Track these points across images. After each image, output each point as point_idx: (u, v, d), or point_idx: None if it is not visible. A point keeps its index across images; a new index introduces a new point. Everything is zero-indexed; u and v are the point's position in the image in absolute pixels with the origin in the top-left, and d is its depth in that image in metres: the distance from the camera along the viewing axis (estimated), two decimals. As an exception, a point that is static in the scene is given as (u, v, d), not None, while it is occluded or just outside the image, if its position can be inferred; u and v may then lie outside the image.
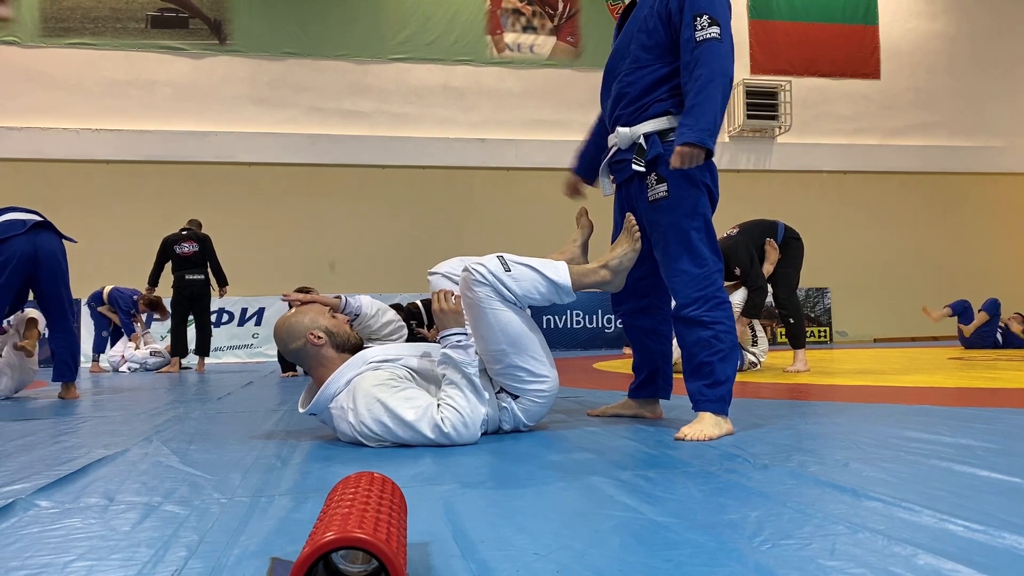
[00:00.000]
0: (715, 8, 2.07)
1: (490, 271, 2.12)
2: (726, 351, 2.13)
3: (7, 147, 10.36)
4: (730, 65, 2.06)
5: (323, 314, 2.26)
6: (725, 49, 2.05)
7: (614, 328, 10.79)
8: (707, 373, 2.12)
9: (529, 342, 2.18)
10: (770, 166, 12.54)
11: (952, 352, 7.40)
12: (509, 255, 2.20)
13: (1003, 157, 13.24)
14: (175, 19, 10.99)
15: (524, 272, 2.16)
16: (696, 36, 2.06)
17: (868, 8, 12.91)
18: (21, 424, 2.99)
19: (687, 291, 2.15)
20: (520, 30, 11.95)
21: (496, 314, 2.12)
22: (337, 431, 2.13)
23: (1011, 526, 1.10)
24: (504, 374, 2.19)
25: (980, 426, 2.17)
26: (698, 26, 2.06)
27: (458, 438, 2.02)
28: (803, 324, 5.10)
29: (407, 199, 11.29)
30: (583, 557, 1.03)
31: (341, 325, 2.25)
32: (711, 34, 2.04)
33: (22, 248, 3.99)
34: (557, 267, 2.22)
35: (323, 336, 2.19)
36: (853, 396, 3.27)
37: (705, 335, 2.12)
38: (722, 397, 2.12)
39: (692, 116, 2.04)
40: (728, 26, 2.10)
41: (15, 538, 1.21)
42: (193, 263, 7.76)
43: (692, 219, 2.16)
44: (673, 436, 2.07)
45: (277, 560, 1.00)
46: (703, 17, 2.06)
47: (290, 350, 2.23)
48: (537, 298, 2.20)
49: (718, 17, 2.07)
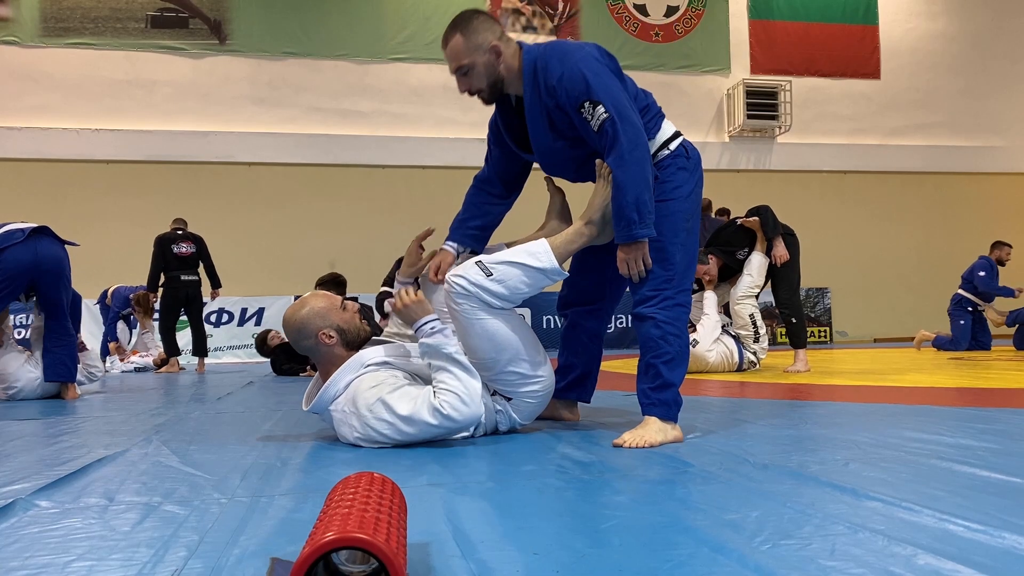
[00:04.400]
0: (588, 88, 2.00)
1: (471, 281, 2.08)
2: (673, 355, 2.05)
3: (7, 147, 10.35)
4: (629, 131, 1.98)
5: (334, 309, 2.20)
6: (620, 122, 1.98)
7: (613, 328, 10.79)
8: (653, 376, 2.05)
9: (519, 345, 2.15)
10: (770, 166, 12.54)
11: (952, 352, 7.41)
12: (488, 257, 2.15)
13: (1003, 157, 13.24)
14: (175, 19, 10.99)
15: (506, 271, 2.11)
16: (592, 126, 2.01)
17: (868, 8, 12.91)
18: (21, 424, 2.99)
19: (646, 288, 2.08)
20: (520, 30, 11.94)
21: (482, 324, 2.10)
22: (338, 433, 2.13)
23: (1011, 526, 1.10)
24: (496, 380, 2.18)
25: (980, 426, 2.17)
26: (586, 115, 2.01)
27: (462, 418, 1.98)
28: (804, 324, 5.09)
29: (407, 199, 11.28)
30: (583, 557, 1.03)
31: (352, 320, 2.21)
32: (600, 117, 1.99)
33: (22, 257, 3.99)
34: (538, 251, 2.15)
35: (335, 335, 2.16)
36: (853, 396, 3.27)
37: (654, 334, 2.05)
38: (667, 401, 2.04)
39: (615, 215, 2.03)
40: (609, 87, 2.01)
41: (15, 538, 1.21)
42: (188, 264, 7.52)
43: (674, 234, 2.10)
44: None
45: (277, 560, 1.00)
46: (586, 105, 2.01)
47: (301, 346, 2.21)
48: (527, 290, 2.15)
49: (594, 93, 1.99)
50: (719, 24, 12.51)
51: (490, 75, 2.13)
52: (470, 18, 2.12)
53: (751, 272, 5.04)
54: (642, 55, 12.22)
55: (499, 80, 2.15)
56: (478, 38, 2.10)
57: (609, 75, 2.06)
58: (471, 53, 2.10)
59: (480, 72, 2.12)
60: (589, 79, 2.00)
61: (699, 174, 2.21)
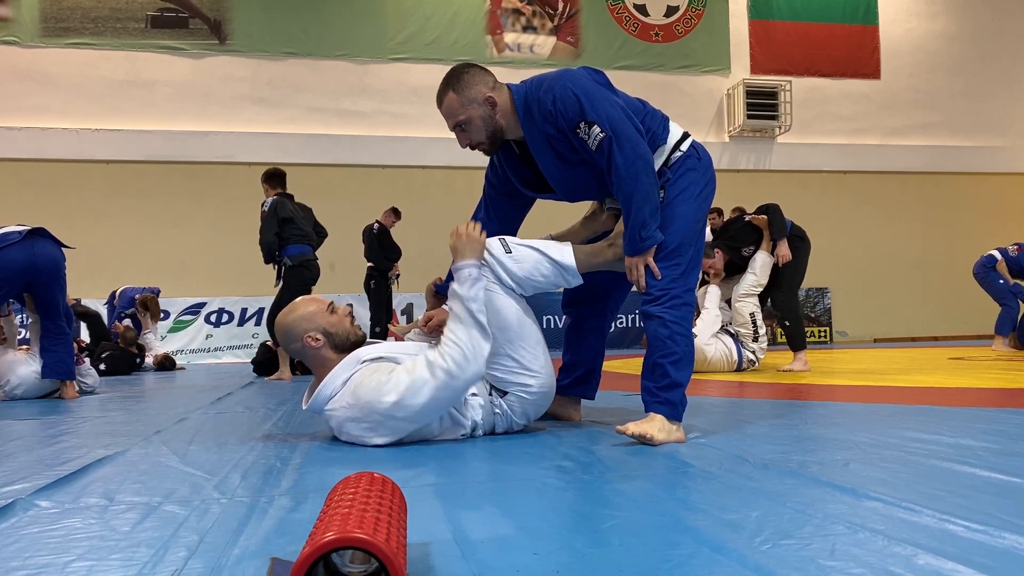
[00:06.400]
0: (582, 109, 2.01)
1: (490, 253, 2.11)
2: (681, 355, 2.06)
3: (7, 147, 10.35)
4: (626, 147, 1.98)
5: (321, 312, 2.18)
6: (617, 138, 1.98)
7: (614, 328, 10.78)
8: (660, 375, 2.05)
9: (523, 332, 2.17)
10: (770, 166, 12.54)
11: (952, 352, 7.40)
12: (512, 238, 2.18)
13: (1003, 157, 13.24)
14: (175, 19, 10.99)
15: (526, 253, 2.14)
16: (591, 145, 2.02)
17: (868, 8, 12.91)
18: (21, 424, 2.99)
19: (654, 287, 2.08)
20: (520, 30, 11.94)
21: (491, 297, 2.10)
22: (338, 431, 2.13)
23: (1011, 526, 1.10)
24: (493, 364, 2.15)
25: (980, 426, 2.17)
26: (583, 135, 2.02)
27: (460, 373, 1.95)
28: (801, 327, 5.06)
29: (407, 199, 11.28)
30: (583, 557, 1.03)
31: (340, 323, 2.18)
32: (597, 137, 1.99)
33: (18, 257, 3.99)
34: (562, 248, 2.18)
35: (320, 338, 2.15)
36: (853, 396, 3.27)
37: (662, 334, 2.05)
38: (674, 401, 2.04)
39: (626, 226, 2.05)
40: (603, 106, 2.01)
41: (15, 538, 1.21)
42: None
43: (684, 234, 2.10)
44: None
45: (277, 560, 1.00)
46: (581, 126, 2.01)
47: (290, 349, 2.22)
48: (541, 280, 2.16)
49: (587, 113, 2.00)
50: (719, 24, 12.51)
51: (488, 127, 2.14)
52: (460, 73, 2.13)
53: (754, 271, 5.03)
54: (642, 55, 12.22)
55: (498, 130, 2.17)
56: (471, 92, 2.11)
57: (601, 91, 2.07)
58: (466, 108, 2.11)
59: (478, 125, 2.13)
60: (582, 99, 2.02)
61: (710, 174, 2.21)
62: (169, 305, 10.26)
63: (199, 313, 10.35)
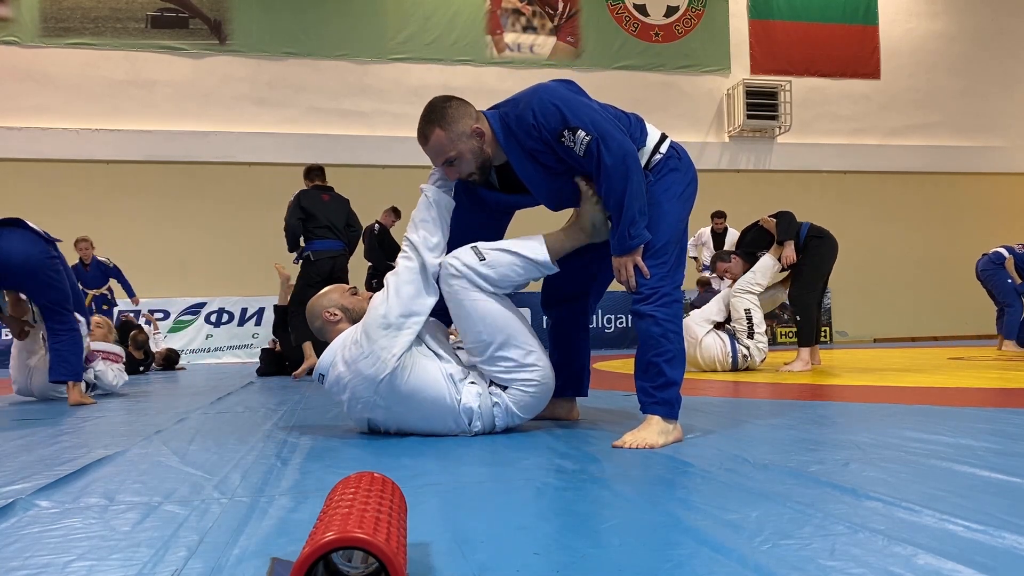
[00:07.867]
0: (563, 116, 2.00)
1: (463, 263, 2.16)
2: (674, 353, 2.06)
3: (7, 147, 10.36)
4: (613, 147, 1.98)
5: (342, 293, 2.40)
6: (603, 139, 1.98)
7: (614, 328, 10.78)
8: (655, 374, 2.05)
9: (512, 330, 2.19)
10: (770, 166, 12.54)
11: (952, 352, 7.40)
12: (484, 244, 2.21)
13: (1003, 157, 13.24)
14: (175, 19, 10.99)
15: (499, 257, 2.17)
16: (578, 151, 2.01)
17: (868, 8, 12.91)
18: (21, 424, 2.99)
19: (643, 286, 2.07)
20: (520, 30, 11.95)
21: (475, 303, 2.15)
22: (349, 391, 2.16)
23: (1011, 526, 1.10)
24: (490, 363, 2.20)
25: (980, 426, 2.17)
26: (567, 143, 2.01)
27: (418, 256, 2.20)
28: (810, 323, 5.07)
29: (407, 199, 11.28)
30: (583, 557, 1.03)
31: (359, 303, 2.35)
32: (583, 141, 1.99)
33: None
34: (533, 244, 2.21)
35: (338, 313, 2.34)
36: (853, 396, 3.27)
37: (655, 332, 2.04)
38: (670, 400, 2.03)
39: (613, 229, 2.06)
40: (583, 111, 2.01)
41: (15, 538, 1.21)
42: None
43: (669, 233, 2.10)
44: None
45: (277, 560, 1.00)
46: (565, 134, 2.00)
47: (314, 328, 2.40)
48: (517, 280, 2.20)
49: (570, 120, 1.99)
50: (719, 24, 12.51)
51: (477, 158, 2.14)
52: (443, 108, 2.12)
53: (755, 269, 5.14)
54: (642, 55, 12.22)
55: (487, 160, 2.17)
56: (459, 127, 2.10)
57: (578, 98, 2.07)
58: (455, 143, 2.11)
59: (468, 159, 2.13)
60: (562, 108, 2.01)
61: (692, 174, 2.22)
62: (169, 305, 10.27)
63: (199, 313, 10.36)
